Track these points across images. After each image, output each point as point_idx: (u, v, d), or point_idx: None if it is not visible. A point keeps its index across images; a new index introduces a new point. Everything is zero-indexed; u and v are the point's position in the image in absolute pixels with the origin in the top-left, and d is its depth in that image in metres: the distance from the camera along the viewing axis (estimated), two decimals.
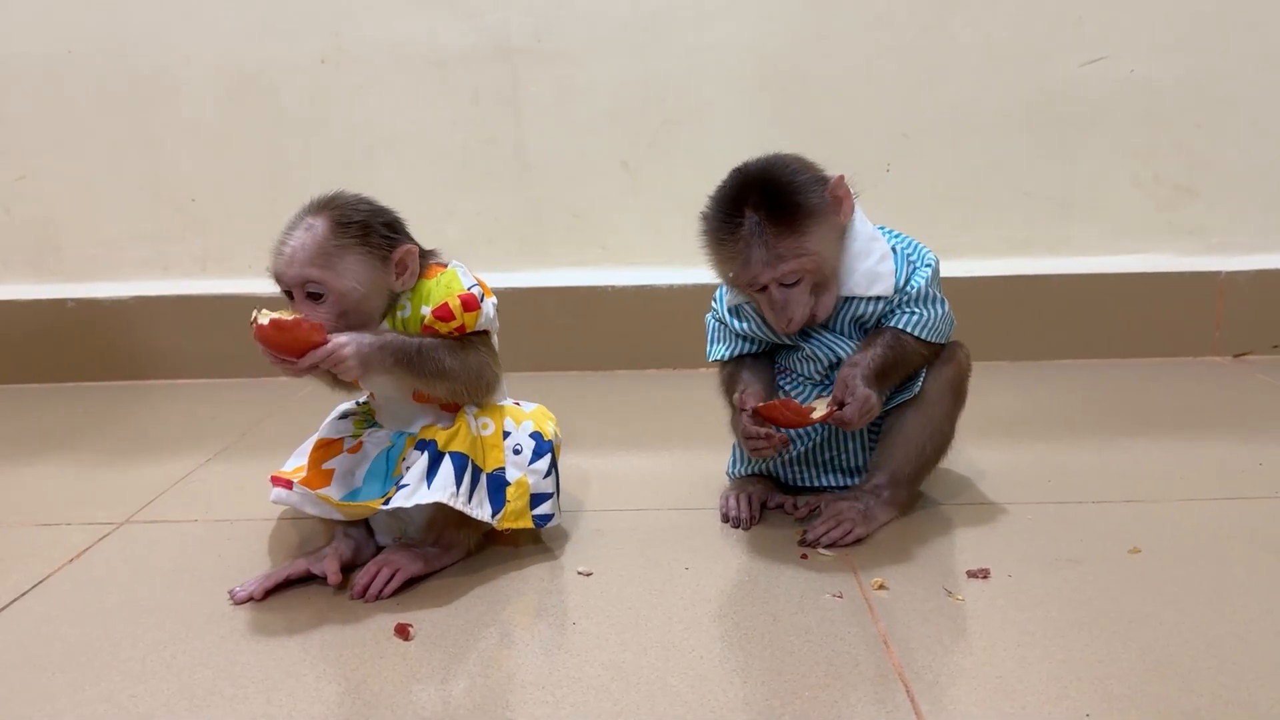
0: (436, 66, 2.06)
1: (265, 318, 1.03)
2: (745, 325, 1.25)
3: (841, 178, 1.15)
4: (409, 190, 2.02)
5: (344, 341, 1.04)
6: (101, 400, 2.04)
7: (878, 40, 2.02)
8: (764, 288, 1.15)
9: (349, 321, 1.09)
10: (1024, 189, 2.09)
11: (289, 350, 1.04)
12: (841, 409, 1.14)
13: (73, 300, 2.15)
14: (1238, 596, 1.02)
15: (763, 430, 1.15)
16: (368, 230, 1.08)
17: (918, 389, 1.24)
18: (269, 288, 2.18)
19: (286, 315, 1.04)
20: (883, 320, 1.21)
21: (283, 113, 2.09)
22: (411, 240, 1.13)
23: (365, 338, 1.06)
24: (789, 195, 1.11)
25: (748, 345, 1.27)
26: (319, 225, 1.07)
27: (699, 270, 2.07)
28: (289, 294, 1.10)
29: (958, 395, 1.27)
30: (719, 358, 1.29)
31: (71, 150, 2.12)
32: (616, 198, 2.12)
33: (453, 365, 1.11)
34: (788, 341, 1.25)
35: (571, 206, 2.13)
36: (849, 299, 1.20)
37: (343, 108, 2.09)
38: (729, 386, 1.27)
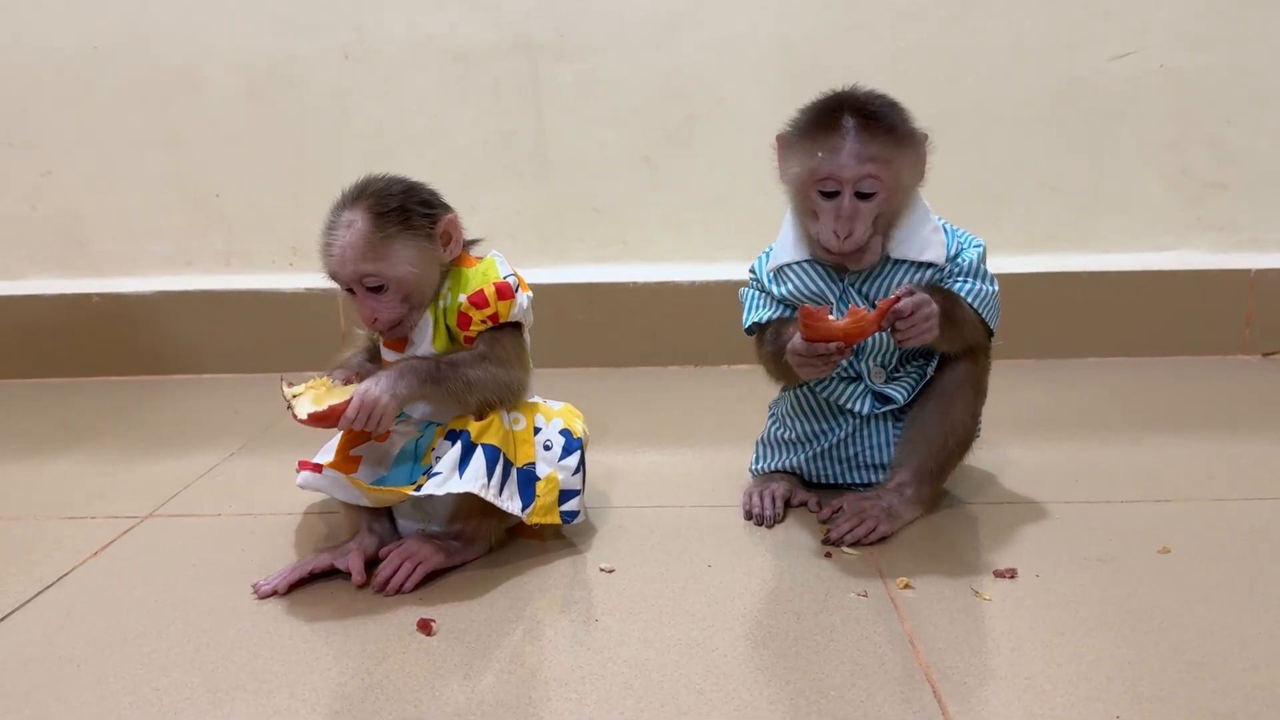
0: (458, 61, 2.06)
1: (301, 409, 1.05)
2: (785, 289, 1.24)
3: (926, 136, 1.17)
4: (430, 185, 2.02)
5: (367, 388, 1.05)
6: (125, 395, 2.05)
7: (903, 33, 2.00)
8: (836, 194, 1.12)
9: (411, 304, 1.11)
10: (1051, 184, 2.07)
11: (333, 426, 1.07)
12: (898, 303, 1.08)
13: (97, 295, 2.17)
14: (1270, 596, 1.01)
15: (824, 348, 1.09)
16: (406, 213, 1.08)
17: (930, 373, 1.24)
18: (292, 283, 2.21)
19: (317, 398, 1.06)
20: None
21: (305, 108, 2.10)
22: (449, 209, 1.13)
23: (383, 377, 1.07)
24: (890, 110, 1.14)
25: (786, 310, 1.26)
26: (359, 219, 1.07)
27: (721, 266, 2.10)
28: (350, 290, 1.10)
29: (978, 389, 1.26)
30: (758, 320, 1.27)
31: (96, 146, 2.14)
32: (638, 193, 2.11)
33: (477, 376, 1.11)
34: (825, 296, 1.22)
35: (593, 202, 2.13)
36: (898, 262, 1.19)
37: (365, 102, 2.09)
38: (775, 339, 1.23)
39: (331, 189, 1.12)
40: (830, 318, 1.07)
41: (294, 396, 1.07)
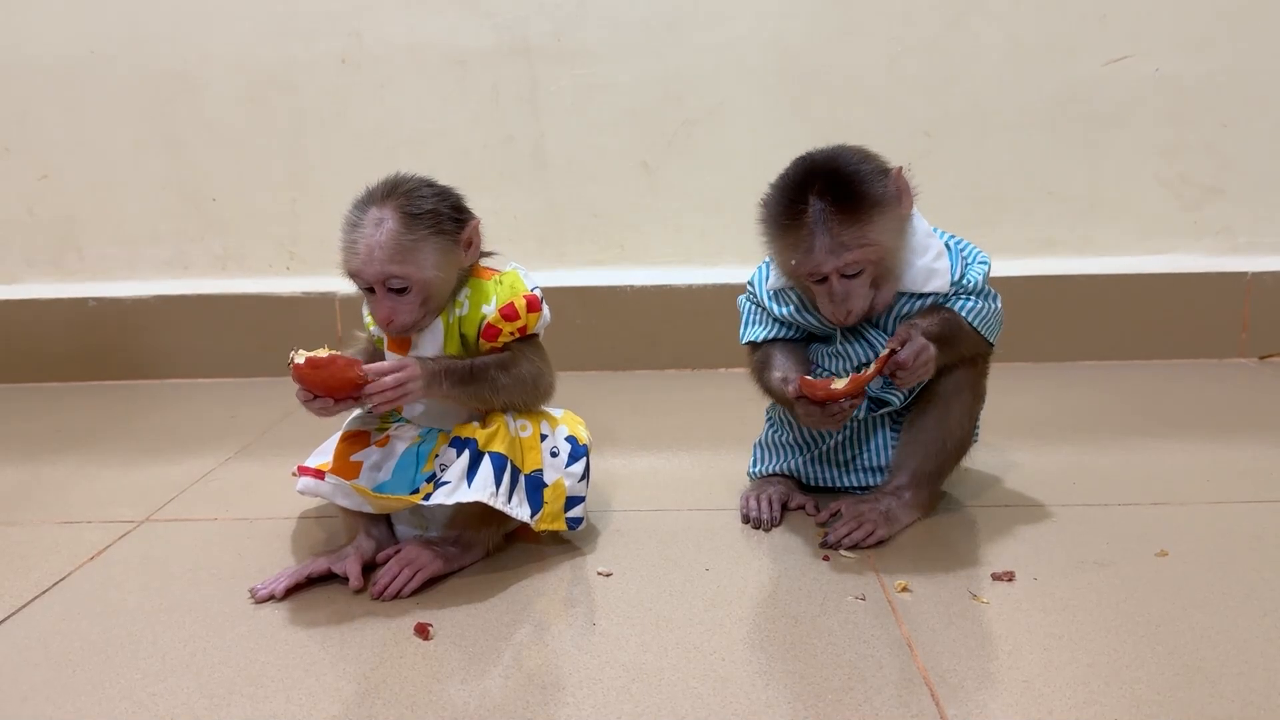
0: (456, 66, 2.06)
1: (301, 357, 1.03)
2: (785, 310, 1.23)
3: (901, 170, 1.14)
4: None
5: (407, 361, 1.05)
6: (121, 399, 2.05)
7: (900, 37, 2.01)
8: (824, 279, 1.12)
9: (429, 307, 1.10)
10: (1048, 188, 2.07)
11: (325, 388, 1.04)
12: (897, 353, 1.09)
13: (93, 300, 2.17)
14: (1267, 600, 1.01)
15: (836, 406, 1.10)
16: (438, 217, 1.07)
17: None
18: (289, 287, 2.21)
19: (321, 353, 1.04)
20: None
21: (303, 112, 2.10)
22: (474, 215, 1.13)
23: (425, 363, 1.07)
24: (854, 184, 1.09)
25: (783, 330, 1.25)
26: (389, 219, 1.05)
27: (718, 270, 2.10)
28: (369, 290, 1.08)
29: (976, 393, 1.26)
30: (753, 339, 1.27)
31: (93, 150, 2.14)
32: (635, 197, 2.12)
33: (505, 381, 1.12)
34: (826, 326, 1.22)
35: (590, 206, 2.13)
36: (900, 294, 1.19)
37: (363, 107, 2.09)
38: (761, 369, 1.25)
39: (328, 194, 1.12)
40: (833, 387, 1.08)
41: (297, 351, 1.05)
